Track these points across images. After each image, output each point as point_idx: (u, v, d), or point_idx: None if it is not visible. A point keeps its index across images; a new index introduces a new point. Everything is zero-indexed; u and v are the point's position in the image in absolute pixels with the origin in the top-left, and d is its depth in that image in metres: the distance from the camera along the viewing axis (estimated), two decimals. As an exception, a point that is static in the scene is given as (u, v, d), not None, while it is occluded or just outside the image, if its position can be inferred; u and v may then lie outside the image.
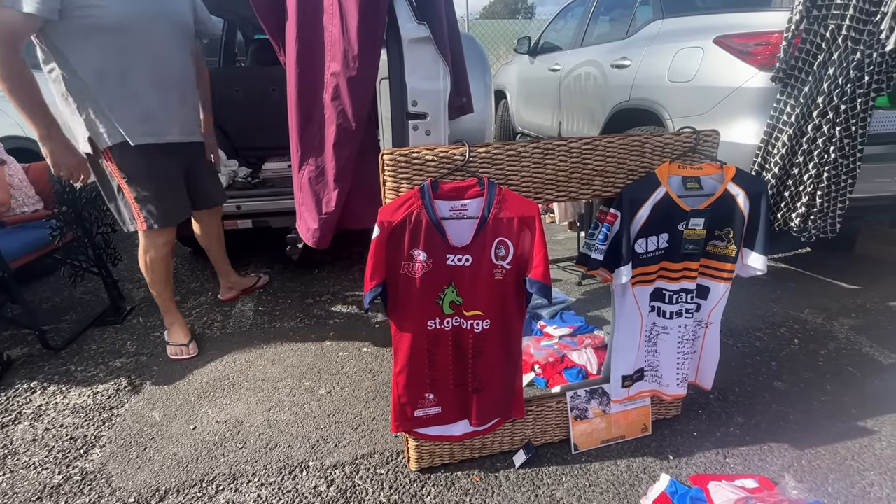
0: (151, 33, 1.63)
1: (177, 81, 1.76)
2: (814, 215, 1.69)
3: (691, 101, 2.29)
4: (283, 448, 1.49)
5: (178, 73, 1.76)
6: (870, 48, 1.50)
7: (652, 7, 2.88)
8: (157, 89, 1.68)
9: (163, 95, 1.71)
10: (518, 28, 10.39)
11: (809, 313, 2.21)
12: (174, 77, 1.74)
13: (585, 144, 1.22)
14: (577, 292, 2.48)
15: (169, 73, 1.72)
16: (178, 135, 1.79)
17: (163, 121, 1.73)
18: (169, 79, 1.72)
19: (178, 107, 1.78)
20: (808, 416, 1.57)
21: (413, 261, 1.14)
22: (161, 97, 1.71)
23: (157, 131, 1.72)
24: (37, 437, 1.56)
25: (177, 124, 1.78)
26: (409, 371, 1.23)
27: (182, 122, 1.81)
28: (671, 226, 1.27)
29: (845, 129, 1.59)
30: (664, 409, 1.55)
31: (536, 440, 1.45)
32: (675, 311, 1.36)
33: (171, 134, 1.77)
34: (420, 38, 1.23)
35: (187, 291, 2.60)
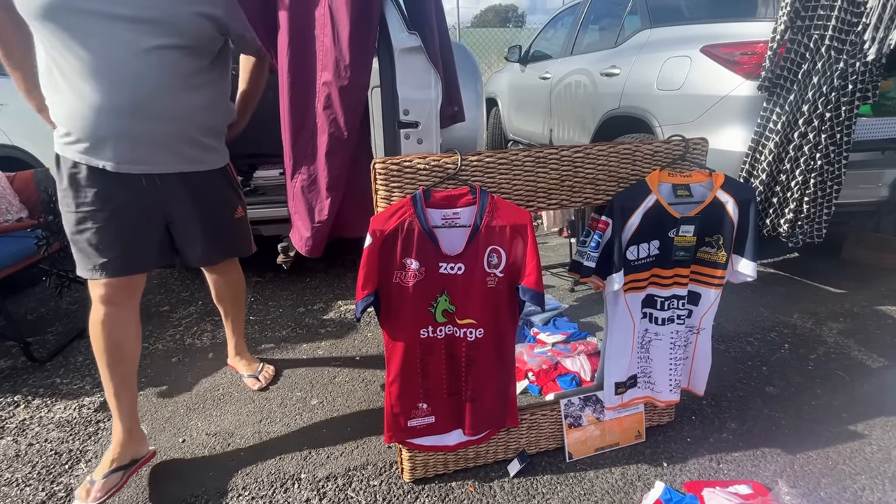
0: (94, 26, 1.18)
1: (149, 94, 1.25)
2: (801, 221, 1.72)
3: (680, 109, 2.32)
4: (275, 460, 1.46)
5: (149, 83, 1.25)
6: (852, 57, 1.53)
7: (640, 17, 2.93)
8: (105, 97, 1.21)
9: (113, 107, 1.22)
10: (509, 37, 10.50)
11: (799, 318, 2.23)
12: (142, 88, 1.24)
13: (577, 153, 1.23)
14: (569, 298, 2.48)
15: (132, 81, 1.22)
16: (140, 163, 1.29)
17: (107, 139, 1.24)
18: (130, 88, 1.23)
19: (147, 125, 1.26)
20: (799, 420, 1.58)
21: (405, 269, 1.14)
22: (111, 109, 1.21)
23: (95, 150, 1.24)
24: (20, 452, 1.52)
25: (142, 148, 1.28)
26: (402, 380, 1.22)
27: (154, 147, 1.30)
28: (662, 233, 1.28)
29: (830, 136, 1.62)
30: (658, 415, 1.55)
31: (531, 449, 1.44)
32: (667, 318, 1.37)
33: (124, 160, 1.26)
34: (411, 48, 1.23)
35: (177, 301, 2.57)
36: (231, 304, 1.81)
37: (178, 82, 1.31)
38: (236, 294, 1.79)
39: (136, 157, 1.29)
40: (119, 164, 1.27)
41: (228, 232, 1.56)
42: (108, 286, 1.32)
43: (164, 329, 2.28)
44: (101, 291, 1.32)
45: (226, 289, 1.77)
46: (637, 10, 2.98)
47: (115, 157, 1.26)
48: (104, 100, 1.21)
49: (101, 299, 1.33)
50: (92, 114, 1.21)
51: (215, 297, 1.78)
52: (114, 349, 1.35)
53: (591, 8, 3.73)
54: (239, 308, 1.84)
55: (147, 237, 1.36)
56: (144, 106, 1.26)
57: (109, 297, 1.33)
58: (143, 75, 1.25)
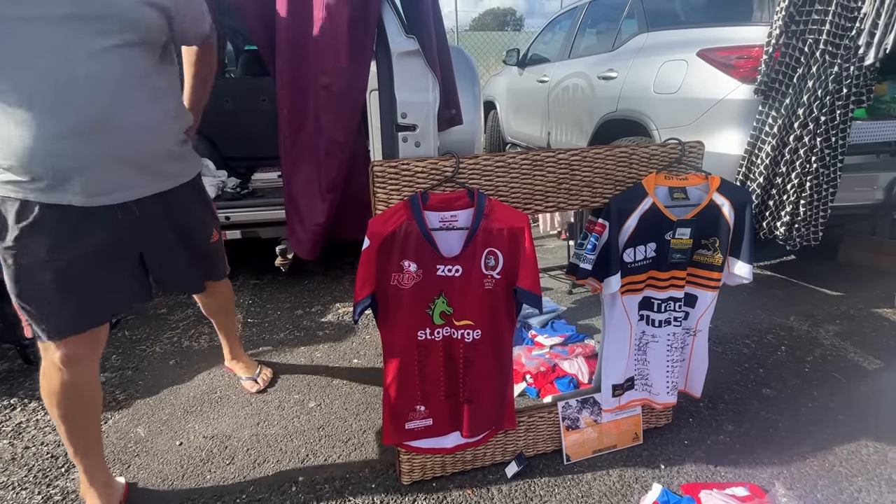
0: (23, 34, 0.95)
1: (111, 105, 1.04)
2: (797, 224, 1.73)
3: (677, 112, 2.33)
4: (272, 463, 1.46)
5: (109, 92, 1.03)
6: (847, 62, 1.55)
7: (637, 21, 2.95)
8: (59, 119, 0.99)
9: (72, 128, 1.00)
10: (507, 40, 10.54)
11: (795, 320, 2.24)
12: (101, 99, 1.02)
13: (573, 155, 1.24)
14: (567, 301, 2.49)
15: (88, 93, 1.00)
16: (117, 190, 1.08)
17: (72, 169, 1.01)
18: (88, 102, 1.01)
19: (117, 143, 1.06)
20: (796, 422, 1.59)
21: (403, 272, 1.14)
22: (70, 131, 1.00)
23: (58, 185, 1.01)
24: (16, 455, 1.51)
25: (117, 172, 1.07)
26: (399, 383, 1.22)
27: (130, 168, 1.09)
28: (658, 235, 1.29)
29: (826, 139, 1.63)
30: (655, 417, 1.55)
31: (528, 451, 1.44)
32: (664, 320, 1.37)
33: (97, 191, 1.05)
34: (409, 52, 1.24)
35: (174, 303, 2.56)
36: (222, 316, 1.75)
37: (140, 85, 1.09)
38: (225, 307, 1.72)
39: (112, 185, 1.07)
40: (91, 196, 1.05)
41: (206, 255, 1.41)
42: (69, 345, 1.10)
43: (162, 332, 2.27)
44: (62, 352, 1.10)
45: (214, 305, 1.70)
46: (634, 14, 3.00)
47: (85, 190, 1.03)
48: (59, 122, 0.98)
49: (61, 361, 1.10)
50: (44, 142, 0.98)
51: (204, 312, 1.74)
52: (82, 413, 1.19)
53: (588, 12, 3.75)
54: (230, 318, 1.78)
55: (119, 277, 1.15)
56: (109, 120, 1.04)
57: (72, 358, 1.11)
58: (100, 83, 1.02)
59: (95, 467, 1.27)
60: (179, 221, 1.26)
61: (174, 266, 1.29)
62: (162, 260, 1.25)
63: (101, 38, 1.01)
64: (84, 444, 1.23)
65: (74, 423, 1.19)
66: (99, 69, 1.01)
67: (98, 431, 1.29)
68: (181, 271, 1.32)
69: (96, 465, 1.27)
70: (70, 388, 1.14)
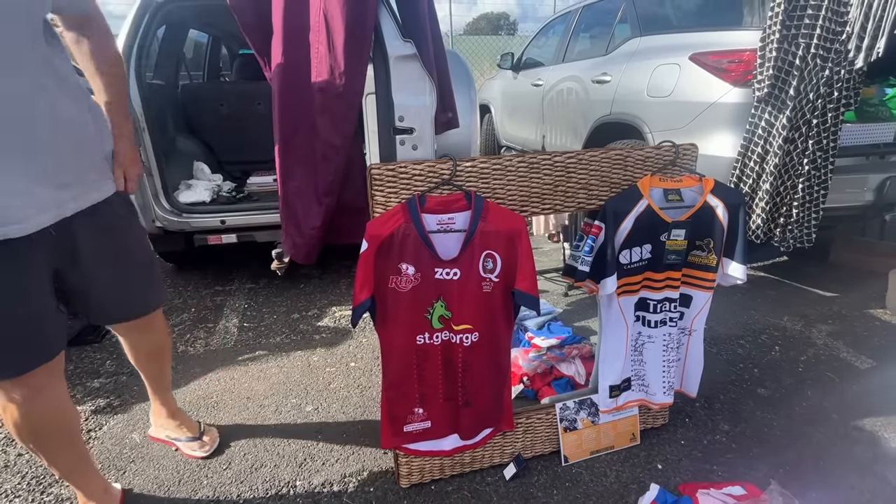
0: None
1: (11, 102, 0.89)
2: (791, 226, 1.75)
3: (670, 115, 2.36)
4: (269, 468, 1.45)
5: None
6: (837, 65, 1.57)
7: (630, 25, 2.98)
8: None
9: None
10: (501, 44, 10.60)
11: (788, 320, 2.26)
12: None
13: (569, 158, 1.25)
14: (563, 303, 2.50)
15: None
16: (39, 212, 0.95)
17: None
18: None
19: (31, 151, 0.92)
20: (790, 421, 1.60)
21: (401, 275, 1.14)
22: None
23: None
24: (9, 462, 1.50)
25: (37, 189, 0.94)
26: (398, 386, 1.22)
27: (22, 191, 0.92)
28: (654, 237, 1.30)
29: (817, 142, 1.66)
30: (652, 418, 1.56)
31: (526, 453, 1.44)
32: (660, 320, 1.38)
33: (19, 217, 0.92)
34: (406, 56, 1.25)
35: (169, 308, 2.55)
36: (155, 361, 1.42)
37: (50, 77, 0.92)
38: (161, 347, 1.40)
39: (36, 205, 0.93)
40: (22, 223, 0.91)
41: (143, 270, 1.22)
42: (28, 380, 1.01)
43: (157, 336, 2.26)
44: (21, 390, 1.02)
45: (148, 345, 1.36)
46: (627, 18, 3.03)
47: (7, 217, 0.89)
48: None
49: (23, 397, 1.02)
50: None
51: (133, 358, 1.38)
52: (55, 438, 1.11)
53: (582, 17, 3.78)
54: (165, 364, 1.46)
55: (30, 318, 0.99)
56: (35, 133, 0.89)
57: (34, 391, 1.02)
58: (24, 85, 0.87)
59: (88, 480, 1.23)
60: (87, 242, 1.05)
61: (95, 290, 1.11)
62: (85, 283, 1.08)
63: (21, 28, 0.87)
64: (67, 464, 1.17)
65: (51, 450, 1.12)
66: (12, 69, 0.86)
67: (81, 448, 1.22)
68: (106, 298, 1.15)
69: (89, 478, 1.23)
70: (36, 419, 1.06)
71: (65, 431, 1.15)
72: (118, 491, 1.33)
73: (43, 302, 1.01)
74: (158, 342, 1.38)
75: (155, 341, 1.37)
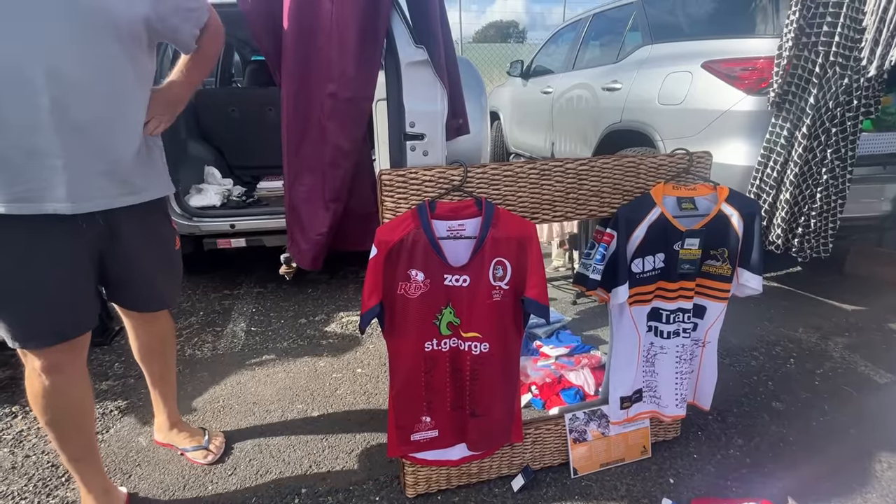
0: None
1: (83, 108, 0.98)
2: (809, 236, 1.72)
3: (682, 123, 2.33)
4: (275, 474, 1.44)
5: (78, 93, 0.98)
6: (857, 73, 1.55)
7: (641, 33, 2.97)
8: (19, 118, 0.94)
9: (22, 129, 0.94)
10: (510, 52, 10.64)
11: (803, 332, 2.22)
12: (66, 99, 0.96)
13: (581, 165, 1.24)
14: (572, 311, 2.47)
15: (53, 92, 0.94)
16: (59, 200, 1.00)
17: (23, 175, 0.96)
18: (53, 102, 0.94)
19: (67, 150, 0.98)
20: (807, 436, 1.56)
21: (410, 281, 1.13)
22: (23, 132, 0.95)
23: (41, 191, 0.98)
24: (16, 464, 1.50)
25: (62, 181, 0.99)
26: (405, 393, 1.21)
27: (78, 177, 1.01)
28: (667, 246, 1.28)
29: (835, 151, 1.63)
30: (663, 430, 1.53)
31: (535, 464, 1.42)
32: (673, 331, 1.36)
33: (42, 198, 0.98)
34: (418, 61, 1.25)
35: (178, 311, 2.56)
36: (160, 359, 1.45)
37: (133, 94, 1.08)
38: (166, 342, 1.44)
39: (87, 192, 1.03)
40: (77, 202, 1.01)
41: (168, 268, 1.31)
42: (50, 355, 1.08)
43: (165, 339, 2.26)
44: (42, 362, 1.08)
45: (154, 339, 1.41)
46: (638, 26, 3.03)
47: (71, 195, 0.99)
48: (40, 114, 0.92)
49: (42, 370, 1.09)
50: (21, 141, 0.93)
51: (140, 353, 1.42)
52: (69, 419, 1.16)
53: (592, 25, 3.78)
54: (170, 363, 1.48)
55: (74, 291, 1.09)
56: (111, 131, 1.02)
57: (52, 368, 1.09)
58: (91, 85, 0.98)
59: (91, 474, 1.24)
60: (130, 234, 1.16)
61: (127, 277, 1.22)
62: (121, 269, 1.19)
63: (110, 38, 0.99)
64: (75, 450, 1.20)
65: (62, 430, 1.17)
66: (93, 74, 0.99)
67: (91, 438, 1.25)
68: (136, 286, 1.25)
69: (92, 472, 1.24)
70: (53, 395, 1.12)
71: (79, 415, 1.19)
72: (123, 494, 1.32)
73: (82, 280, 1.10)
74: (163, 335, 1.43)
75: (160, 333, 1.42)
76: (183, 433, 1.52)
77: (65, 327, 1.09)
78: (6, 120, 0.94)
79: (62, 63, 0.95)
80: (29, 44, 0.92)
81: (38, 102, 0.94)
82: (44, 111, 0.94)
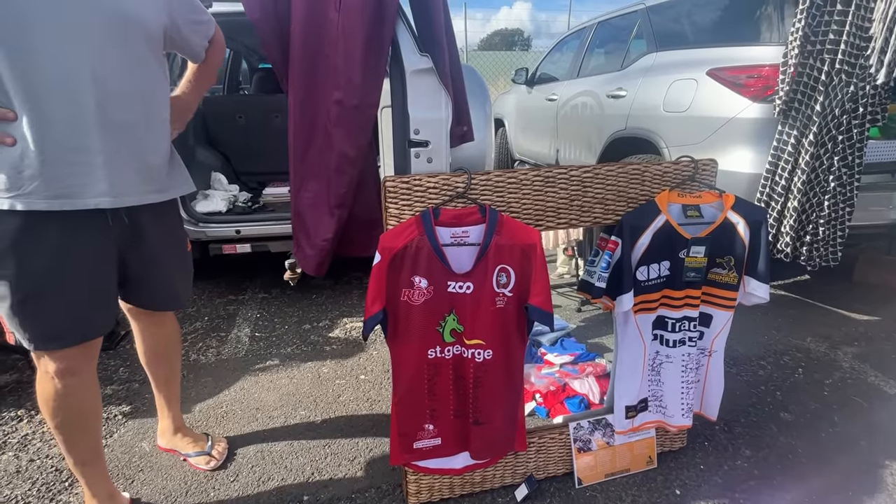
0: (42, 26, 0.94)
1: (113, 108, 1.02)
2: (817, 244, 1.71)
3: (687, 130, 2.33)
4: (277, 481, 1.43)
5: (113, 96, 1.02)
6: (863, 81, 1.54)
7: (646, 41, 2.97)
8: (55, 118, 0.97)
9: (68, 128, 0.98)
10: (514, 60, 10.70)
11: (812, 341, 2.19)
12: (107, 100, 1.01)
13: (586, 172, 1.24)
14: (576, 319, 2.45)
15: (94, 93, 0.99)
16: (100, 195, 1.02)
17: (67, 171, 0.99)
18: (92, 102, 0.99)
19: (106, 147, 1.02)
20: (816, 448, 1.53)
21: (414, 287, 1.13)
22: (69, 130, 0.98)
23: (81, 187, 1.01)
24: (21, 468, 1.50)
25: (103, 176, 1.02)
26: (408, 401, 1.20)
27: (117, 173, 1.04)
28: (672, 253, 1.27)
29: (843, 158, 1.62)
30: (669, 440, 1.51)
31: (539, 473, 1.40)
32: (678, 340, 1.34)
33: (84, 194, 1.01)
34: (423, 69, 1.26)
35: (183, 316, 2.57)
36: (165, 363, 1.45)
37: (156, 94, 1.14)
38: (171, 346, 1.45)
39: (123, 187, 1.06)
40: (117, 196, 1.05)
41: (182, 269, 1.34)
42: (65, 357, 1.08)
43: (170, 344, 2.27)
44: (58, 365, 1.08)
45: (160, 342, 1.42)
46: (642, 34, 3.03)
47: (111, 189, 1.03)
48: (85, 114, 0.98)
49: (55, 372, 1.09)
50: (58, 139, 0.97)
51: (146, 357, 1.43)
52: (78, 422, 1.17)
53: (596, 33, 3.80)
54: (175, 366, 1.49)
55: (100, 291, 1.11)
56: (135, 129, 1.07)
57: (65, 370, 1.10)
58: (127, 88, 1.04)
59: (97, 479, 1.25)
60: (151, 233, 1.18)
61: (146, 276, 1.23)
62: (141, 268, 1.20)
63: (136, 42, 1.05)
64: (82, 454, 1.21)
65: (71, 433, 1.18)
66: (124, 77, 1.04)
67: (98, 442, 1.26)
68: (153, 285, 1.27)
69: (98, 477, 1.25)
70: (64, 398, 1.12)
71: (88, 419, 1.20)
72: (127, 500, 1.32)
73: (105, 281, 1.13)
74: (170, 339, 1.45)
75: (166, 337, 1.44)
76: (186, 438, 1.52)
77: (86, 328, 1.10)
78: (55, 118, 0.97)
79: (104, 67, 1.01)
80: (77, 50, 0.97)
81: (84, 101, 0.99)
82: (89, 110, 0.99)
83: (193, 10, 1.20)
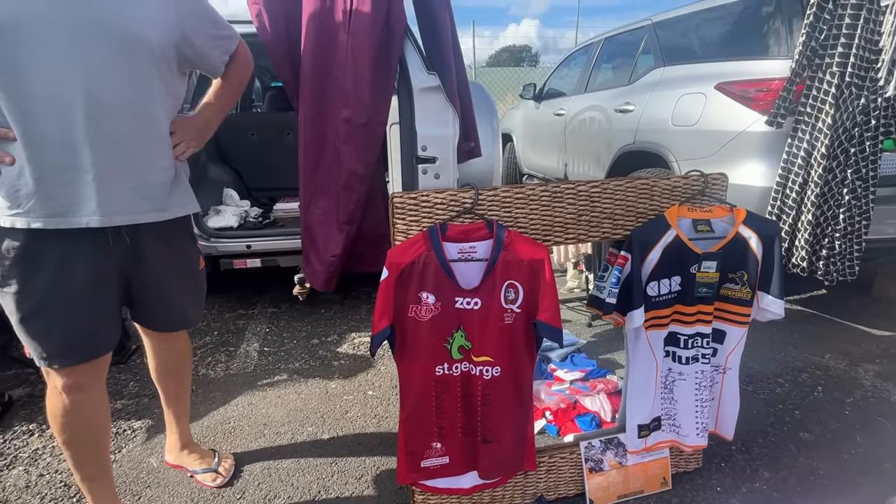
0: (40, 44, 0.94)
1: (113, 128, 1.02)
2: (833, 258, 1.67)
3: (696, 144, 2.32)
4: (283, 499, 1.42)
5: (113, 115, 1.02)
6: (874, 93, 1.53)
7: (653, 56, 2.99)
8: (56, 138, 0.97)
9: (60, 147, 0.98)
10: (522, 75, 10.81)
11: (831, 358, 2.13)
12: (99, 113, 1.00)
13: (594, 187, 1.23)
14: (587, 334, 2.42)
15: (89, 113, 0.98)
16: (91, 213, 1.02)
17: (60, 190, 0.99)
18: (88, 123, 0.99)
19: (98, 163, 1.01)
20: (839, 470, 1.48)
21: (421, 303, 1.12)
22: (60, 148, 0.98)
23: (74, 206, 1.01)
24: (30, 483, 1.51)
25: (93, 194, 1.01)
26: (416, 418, 1.19)
27: (108, 190, 1.03)
28: (683, 269, 1.25)
29: (856, 171, 1.60)
30: (684, 461, 1.46)
31: (549, 494, 1.37)
32: (691, 356, 1.32)
33: (76, 212, 1.01)
34: (430, 87, 1.27)
35: (193, 331, 2.59)
36: (176, 379, 1.46)
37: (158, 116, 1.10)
38: (182, 362, 1.46)
39: (115, 207, 1.04)
40: (107, 215, 1.03)
41: (192, 288, 1.32)
42: (72, 373, 1.10)
43: (180, 359, 2.28)
44: (65, 380, 1.10)
45: (170, 359, 1.43)
46: (650, 49, 3.05)
47: (100, 208, 1.02)
48: (75, 129, 0.97)
49: (63, 388, 1.10)
50: (59, 159, 0.98)
51: (157, 372, 1.44)
52: (87, 438, 1.18)
53: (604, 48, 3.83)
54: (185, 383, 1.49)
55: (102, 310, 1.11)
56: (135, 149, 1.05)
57: (74, 386, 1.11)
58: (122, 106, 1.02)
59: (104, 495, 1.25)
60: (156, 253, 1.17)
61: (152, 297, 1.22)
62: (146, 289, 1.20)
63: (140, 62, 1.03)
64: (90, 470, 1.22)
65: (79, 449, 1.19)
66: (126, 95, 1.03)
67: (106, 458, 1.26)
68: (157, 307, 1.25)
69: (105, 493, 1.25)
70: (73, 413, 1.13)
71: (96, 435, 1.21)
72: None
73: (108, 298, 1.12)
74: (181, 355, 1.45)
75: (178, 353, 1.44)
76: (193, 454, 1.52)
77: (90, 346, 1.11)
78: (47, 137, 0.97)
79: (98, 82, 0.99)
80: (70, 67, 0.96)
81: (73, 117, 0.98)
82: (78, 125, 0.98)
83: (212, 25, 1.17)
